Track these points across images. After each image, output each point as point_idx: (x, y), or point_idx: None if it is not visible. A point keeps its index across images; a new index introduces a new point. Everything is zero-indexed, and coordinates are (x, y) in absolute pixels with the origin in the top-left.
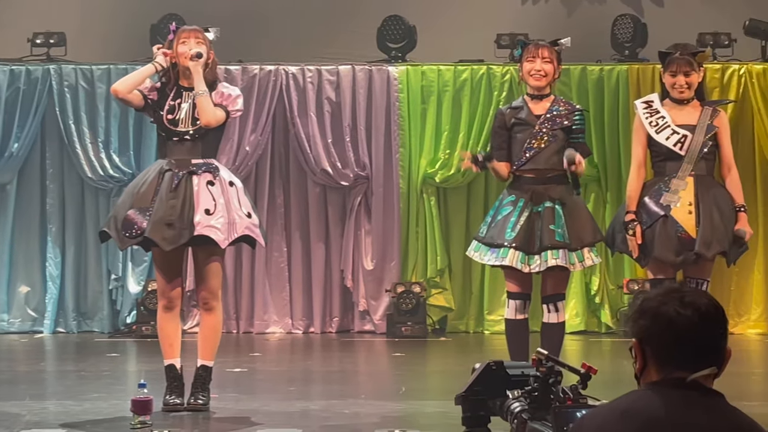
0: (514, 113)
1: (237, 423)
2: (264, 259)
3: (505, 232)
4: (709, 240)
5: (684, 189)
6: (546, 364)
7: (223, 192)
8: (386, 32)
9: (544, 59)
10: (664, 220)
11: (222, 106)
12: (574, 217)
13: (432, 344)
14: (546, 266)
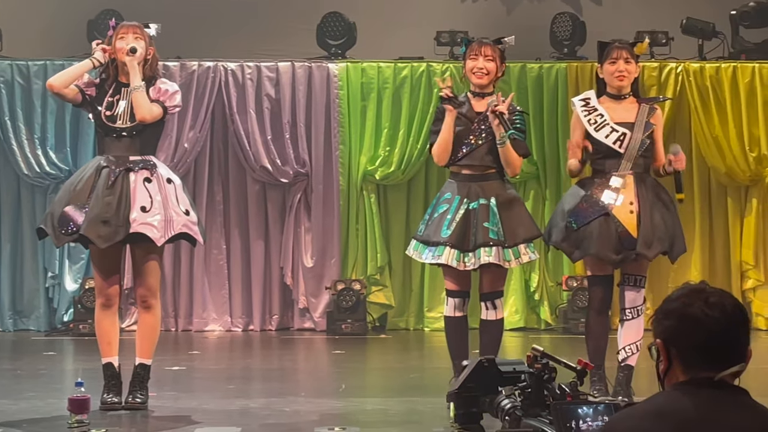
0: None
1: (175, 421)
2: (203, 257)
3: (441, 230)
4: (651, 240)
5: (624, 187)
6: (541, 361)
7: (161, 189)
8: (326, 29)
9: (486, 57)
10: (605, 218)
11: (159, 102)
12: (510, 214)
13: (372, 341)
14: (480, 264)
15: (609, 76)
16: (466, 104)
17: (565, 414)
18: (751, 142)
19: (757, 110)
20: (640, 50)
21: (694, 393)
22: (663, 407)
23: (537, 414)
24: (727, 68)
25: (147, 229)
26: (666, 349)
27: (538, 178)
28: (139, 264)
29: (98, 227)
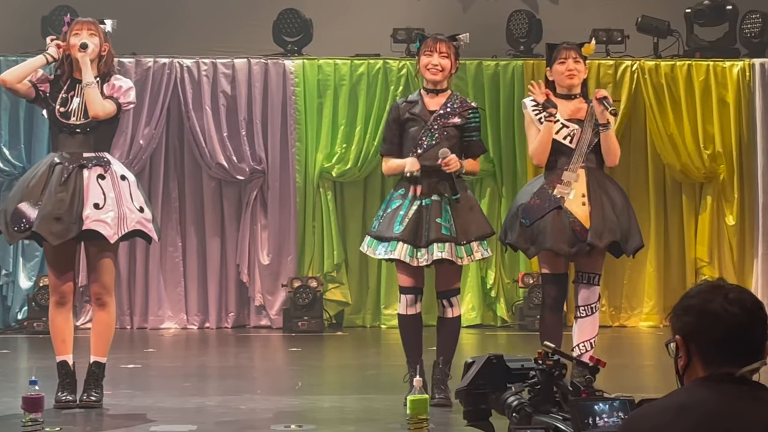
0: (408, 107)
1: (131, 420)
2: (158, 254)
3: (393, 226)
4: (601, 230)
5: (576, 181)
6: (552, 357)
7: (114, 186)
8: (282, 26)
9: (441, 54)
10: (558, 212)
11: (113, 99)
12: (462, 211)
13: (329, 339)
14: (433, 259)
15: (559, 75)
16: (419, 103)
17: (582, 410)
18: (706, 140)
19: (712, 108)
20: (588, 51)
21: (716, 388)
22: (685, 402)
23: (547, 411)
24: (682, 66)
25: (100, 227)
26: (686, 345)
27: (494, 175)
28: (93, 261)
29: (51, 224)
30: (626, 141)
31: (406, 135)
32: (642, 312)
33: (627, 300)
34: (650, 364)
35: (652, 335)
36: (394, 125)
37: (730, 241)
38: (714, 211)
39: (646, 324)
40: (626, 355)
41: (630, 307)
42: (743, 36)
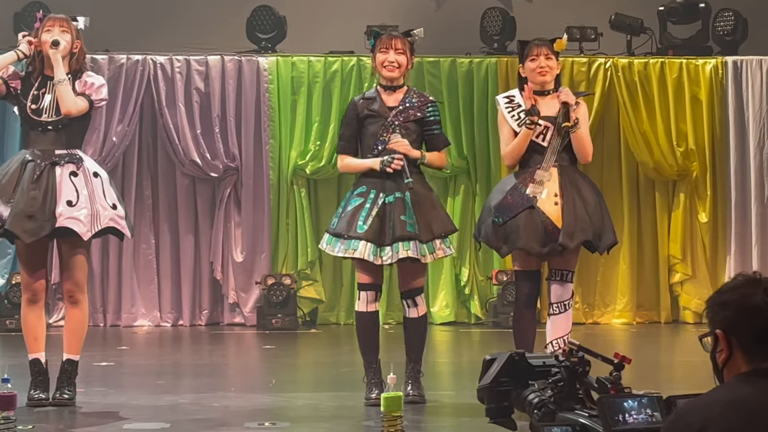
0: (366, 104)
1: (104, 417)
2: (132, 252)
3: (356, 225)
4: (572, 230)
5: (549, 180)
6: (577, 354)
7: (87, 183)
8: (256, 22)
9: (397, 51)
10: (530, 211)
11: (85, 95)
12: (424, 209)
13: (303, 336)
14: (398, 258)
15: (531, 72)
16: (377, 99)
17: (612, 407)
18: (679, 137)
19: (685, 105)
20: (559, 47)
21: (760, 384)
22: (733, 398)
23: (571, 408)
24: (655, 64)
25: (73, 224)
26: (727, 339)
27: (468, 173)
28: (66, 259)
29: (23, 222)
30: (599, 138)
31: (365, 132)
32: (615, 309)
33: (600, 297)
34: None
35: (625, 332)
36: (353, 123)
37: (703, 238)
38: (687, 209)
39: (620, 321)
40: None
41: (603, 304)
42: (716, 34)
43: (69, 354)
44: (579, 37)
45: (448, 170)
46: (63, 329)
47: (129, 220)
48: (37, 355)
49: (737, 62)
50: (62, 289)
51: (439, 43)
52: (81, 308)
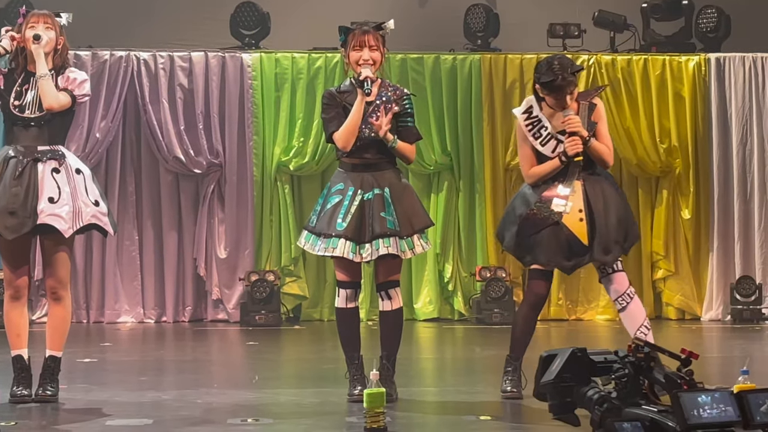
0: (343, 97)
1: (86, 414)
2: (115, 248)
3: (335, 222)
4: (608, 245)
5: (573, 193)
6: (643, 350)
7: (69, 180)
8: (239, 19)
9: (371, 48)
10: (555, 227)
11: (67, 91)
12: (404, 204)
13: (286, 332)
14: (378, 254)
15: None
16: (353, 93)
17: (687, 402)
18: (662, 134)
19: (668, 102)
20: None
21: None
22: None
23: (636, 403)
24: (638, 60)
25: (55, 221)
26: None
27: (451, 169)
28: (48, 255)
29: (5, 218)
30: None
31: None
32: (598, 305)
33: (583, 294)
34: None
35: (608, 328)
36: (334, 107)
37: (686, 234)
38: (670, 205)
39: (603, 317)
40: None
41: (586, 301)
42: (699, 31)
43: (52, 350)
44: (562, 33)
45: (432, 167)
46: (46, 326)
47: (112, 216)
48: (20, 351)
49: (720, 59)
50: (45, 285)
51: (422, 39)
52: (63, 305)
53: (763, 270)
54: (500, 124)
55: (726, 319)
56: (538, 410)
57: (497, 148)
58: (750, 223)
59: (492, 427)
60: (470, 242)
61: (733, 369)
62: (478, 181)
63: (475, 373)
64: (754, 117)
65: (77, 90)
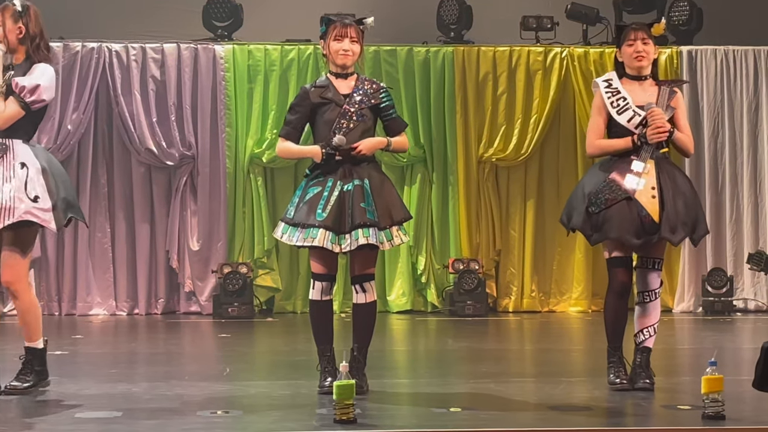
0: (319, 92)
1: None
2: (87, 240)
3: (315, 213)
4: (675, 225)
5: (646, 172)
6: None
7: (7, 170)
8: (212, 10)
9: (352, 39)
10: (628, 202)
11: (19, 98)
12: (382, 196)
13: (259, 325)
14: (357, 245)
15: (628, 57)
16: (330, 87)
17: None
18: None
19: None
20: (658, 31)
21: None
22: None
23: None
24: (610, 53)
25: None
26: None
27: (424, 161)
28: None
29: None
30: (555, 127)
31: (319, 120)
32: (571, 297)
33: (556, 285)
34: (579, 348)
35: (580, 320)
36: (302, 110)
37: None
38: None
39: (575, 309)
40: (556, 340)
41: (559, 293)
42: (671, 24)
43: (26, 342)
44: (535, 26)
45: (405, 159)
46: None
47: (59, 211)
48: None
49: (692, 52)
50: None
51: (395, 31)
52: (21, 298)
53: (734, 262)
54: (473, 117)
55: (697, 311)
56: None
57: (470, 141)
58: (721, 216)
59: (461, 418)
60: (443, 234)
61: (703, 360)
62: (451, 174)
63: (447, 365)
64: (726, 110)
65: (29, 97)
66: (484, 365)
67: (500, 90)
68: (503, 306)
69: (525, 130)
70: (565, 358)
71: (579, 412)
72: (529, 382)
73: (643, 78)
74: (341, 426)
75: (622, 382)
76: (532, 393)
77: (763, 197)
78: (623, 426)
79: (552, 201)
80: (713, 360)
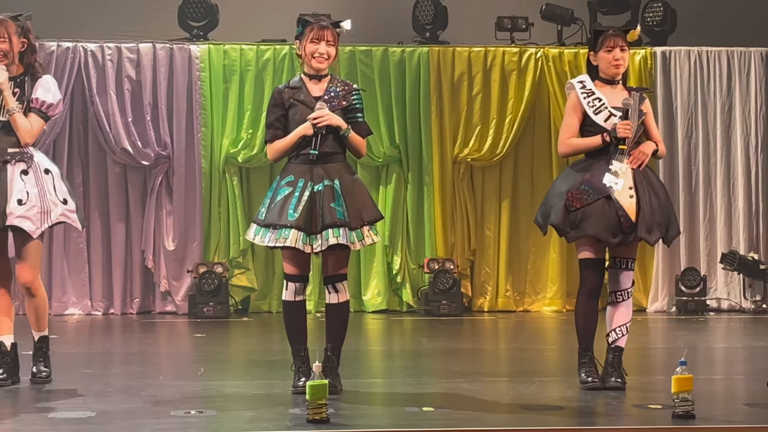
0: (292, 93)
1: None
2: (62, 240)
3: (286, 213)
4: (651, 225)
5: (623, 171)
6: None
7: (38, 180)
8: (187, 10)
9: (328, 43)
10: (606, 201)
11: (41, 112)
12: (353, 196)
13: (234, 324)
14: (327, 245)
15: (606, 63)
16: (302, 89)
17: None
18: None
19: None
20: (632, 37)
21: None
22: None
23: None
24: (585, 53)
25: (22, 222)
26: None
27: (400, 161)
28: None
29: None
30: (530, 128)
31: (291, 121)
32: (545, 297)
33: (531, 285)
34: (552, 347)
35: (554, 320)
36: (278, 111)
37: None
38: None
39: (550, 309)
40: (530, 339)
41: (534, 292)
42: (645, 25)
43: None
44: (510, 27)
45: (380, 159)
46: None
47: (80, 212)
48: (2, 338)
49: (666, 53)
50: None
51: (371, 32)
52: (38, 294)
53: (708, 262)
54: (448, 117)
55: (671, 311)
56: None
57: (445, 141)
58: (695, 216)
59: (433, 418)
60: (419, 234)
61: (675, 360)
62: (427, 174)
63: (422, 365)
64: (699, 111)
65: (50, 111)
66: (458, 365)
67: (475, 90)
68: (478, 305)
69: (500, 130)
70: (538, 357)
71: (551, 412)
72: (502, 382)
73: (616, 82)
74: (314, 426)
75: (594, 381)
76: (506, 392)
77: (736, 198)
78: (595, 426)
79: (527, 201)
80: (683, 360)
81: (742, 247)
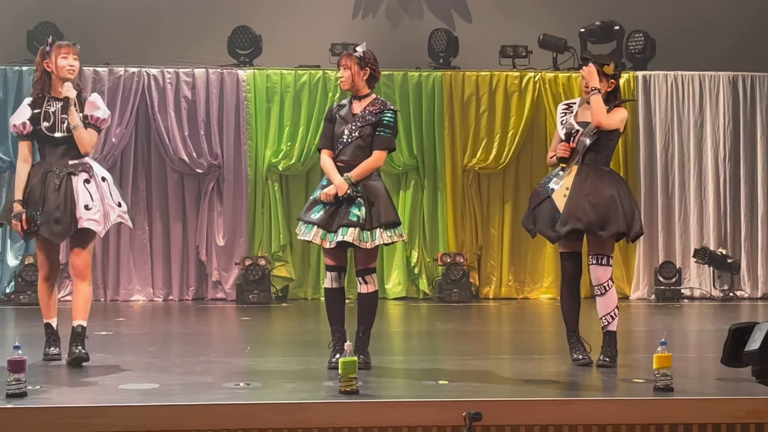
0: (338, 110)
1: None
2: (128, 237)
3: (313, 211)
4: (565, 220)
5: (568, 175)
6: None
7: (98, 188)
8: (236, 40)
9: (344, 67)
10: (548, 200)
11: (95, 126)
12: (374, 201)
13: (275, 309)
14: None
15: (580, 89)
16: (347, 106)
17: None
18: None
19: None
20: (609, 71)
21: None
22: None
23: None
24: (577, 77)
25: (92, 224)
26: None
27: (417, 169)
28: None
29: (52, 226)
30: (530, 141)
31: (335, 134)
32: (542, 286)
33: (530, 275)
34: (549, 330)
35: (550, 305)
36: (328, 124)
37: None
38: None
39: (546, 296)
40: (529, 323)
41: (532, 281)
42: (629, 52)
43: (79, 320)
44: (512, 54)
45: (400, 167)
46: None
47: (131, 212)
48: (50, 320)
49: (646, 76)
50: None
51: (393, 59)
52: (89, 283)
53: (683, 256)
54: (459, 132)
55: (651, 298)
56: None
57: (456, 152)
58: (671, 216)
59: (448, 389)
60: (433, 232)
61: (655, 341)
62: (440, 180)
63: (437, 344)
64: (675, 126)
65: (103, 125)
66: (467, 344)
67: (482, 109)
68: (484, 293)
69: (503, 143)
70: (536, 338)
71: (548, 385)
72: (506, 359)
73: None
74: (346, 396)
75: (584, 358)
76: (509, 368)
77: (707, 200)
78: (586, 397)
79: (526, 204)
80: (663, 340)
81: (713, 244)
